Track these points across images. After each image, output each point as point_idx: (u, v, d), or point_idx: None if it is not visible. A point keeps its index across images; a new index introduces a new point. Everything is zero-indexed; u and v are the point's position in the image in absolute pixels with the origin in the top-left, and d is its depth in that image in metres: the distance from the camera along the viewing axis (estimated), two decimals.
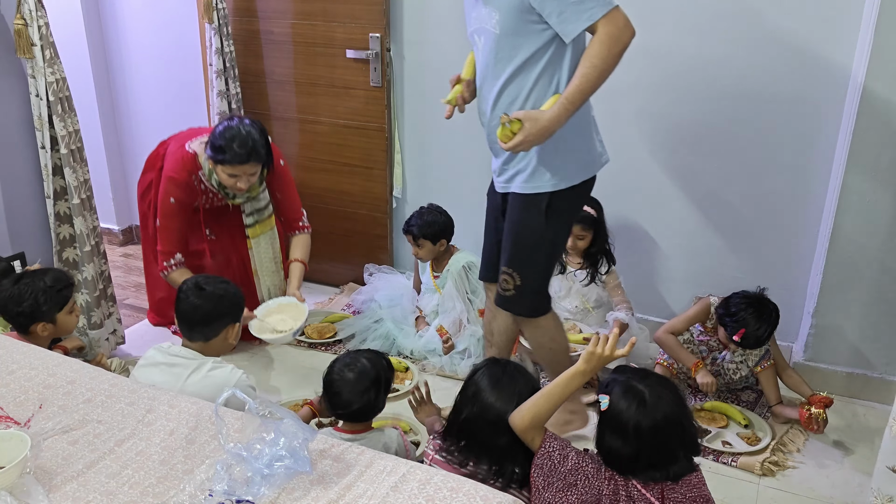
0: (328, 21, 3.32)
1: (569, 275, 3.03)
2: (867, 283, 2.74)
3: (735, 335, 2.59)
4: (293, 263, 2.96)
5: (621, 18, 1.99)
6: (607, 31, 1.98)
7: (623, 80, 2.93)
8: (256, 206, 2.90)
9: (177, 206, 2.77)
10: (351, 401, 2.05)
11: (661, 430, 1.69)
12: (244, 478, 1.52)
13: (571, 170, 2.21)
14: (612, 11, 1.98)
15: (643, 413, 1.69)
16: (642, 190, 3.06)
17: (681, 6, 2.78)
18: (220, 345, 2.29)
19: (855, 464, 2.53)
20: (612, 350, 1.76)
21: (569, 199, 2.25)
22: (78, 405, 1.81)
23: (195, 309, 2.23)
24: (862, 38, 2.54)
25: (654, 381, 1.75)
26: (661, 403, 1.70)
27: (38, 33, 2.60)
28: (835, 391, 2.84)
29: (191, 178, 2.77)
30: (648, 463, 1.70)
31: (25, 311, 2.32)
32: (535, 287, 2.34)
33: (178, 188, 2.76)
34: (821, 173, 2.79)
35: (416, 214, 3.17)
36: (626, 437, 1.69)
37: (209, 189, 2.82)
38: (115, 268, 3.89)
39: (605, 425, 1.75)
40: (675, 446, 1.71)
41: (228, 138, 2.62)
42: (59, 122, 2.72)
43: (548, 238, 2.28)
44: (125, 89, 4.00)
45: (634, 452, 1.69)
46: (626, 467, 1.72)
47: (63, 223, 2.86)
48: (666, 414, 1.70)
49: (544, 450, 1.77)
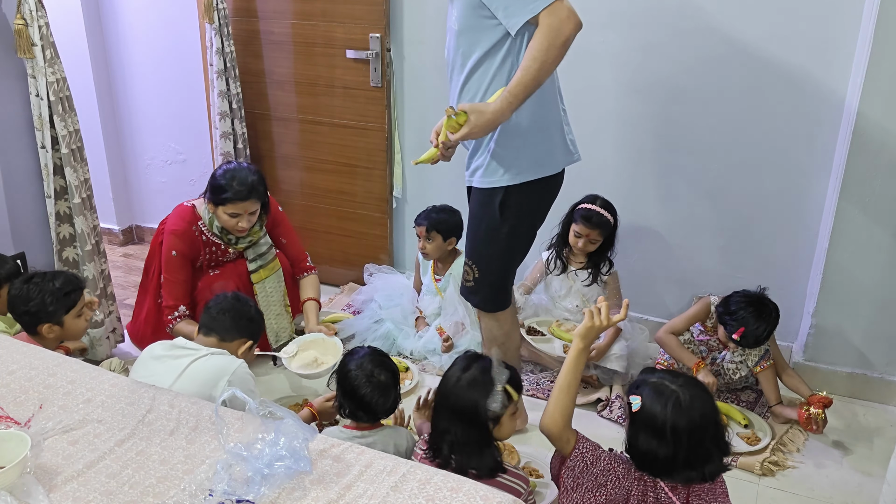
0: (328, 21, 3.32)
1: (570, 274, 3.03)
2: (867, 283, 2.74)
3: (734, 334, 2.59)
4: (308, 303, 3.02)
5: (564, 10, 1.96)
6: (548, 22, 1.96)
7: (623, 80, 2.95)
8: (259, 252, 2.96)
9: (179, 259, 2.82)
10: (371, 396, 2.05)
11: (698, 430, 1.67)
12: (244, 478, 1.52)
13: (525, 166, 2.21)
14: (555, 3, 1.96)
15: (679, 413, 1.67)
16: (642, 190, 3.06)
17: (679, 14, 2.78)
18: (231, 351, 2.31)
19: (854, 464, 2.53)
20: (608, 317, 1.77)
21: (525, 195, 2.26)
22: (78, 405, 1.81)
23: (230, 305, 2.33)
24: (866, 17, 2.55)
25: (685, 382, 1.73)
26: (695, 403, 1.69)
27: (38, 33, 2.61)
28: (834, 391, 2.85)
29: (191, 228, 2.83)
30: (686, 464, 1.68)
31: (31, 310, 2.34)
32: (492, 280, 2.37)
33: (180, 240, 2.81)
34: (821, 173, 2.79)
35: (430, 209, 3.16)
36: (663, 439, 1.67)
37: (210, 241, 2.87)
38: (116, 267, 3.89)
39: (638, 427, 1.72)
40: (711, 446, 1.70)
41: (229, 178, 2.72)
42: (60, 122, 2.72)
43: (503, 233, 2.29)
44: (125, 89, 4.00)
45: (672, 453, 1.67)
46: (662, 469, 1.71)
47: (63, 223, 2.87)
48: (703, 413, 1.68)
49: (578, 451, 1.76)
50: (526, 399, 2.81)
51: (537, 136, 2.21)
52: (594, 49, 2.92)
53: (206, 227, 2.84)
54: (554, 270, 3.04)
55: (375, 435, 2.07)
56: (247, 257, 2.94)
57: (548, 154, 2.25)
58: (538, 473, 2.37)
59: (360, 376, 2.06)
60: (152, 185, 4.16)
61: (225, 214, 2.76)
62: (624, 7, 2.85)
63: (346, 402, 2.09)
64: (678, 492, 1.71)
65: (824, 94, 2.69)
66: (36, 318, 2.35)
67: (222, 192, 2.72)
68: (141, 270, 3.08)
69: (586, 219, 2.86)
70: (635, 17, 2.85)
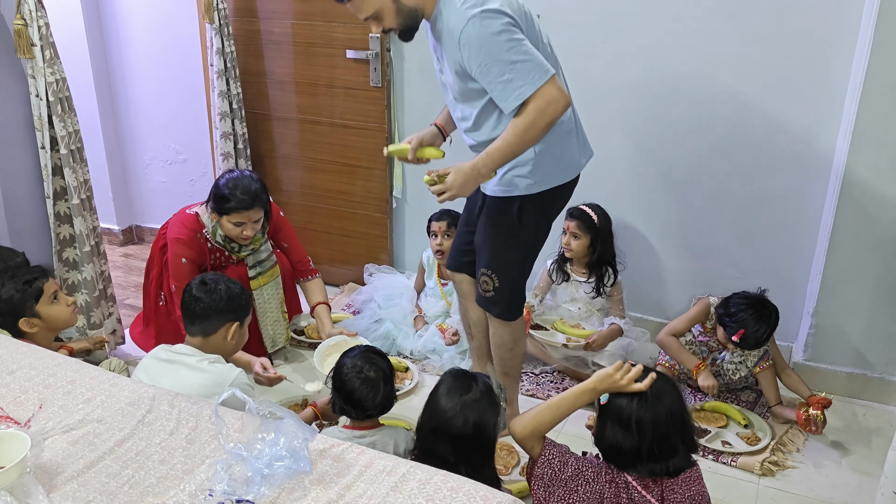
0: (328, 21, 3.32)
1: (573, 282, 3.03)
2: (867, 284, 2.74)
3: (734, 336, 2.59)
4: (319, 307, 3.01)
5: (551, 93, 1.98)
6: (536, 105, 1.99)
7: (623, 80, 2.95)
8: (258, 259, 2.96)
9: (189, 266, 2.81)
10: (367, 396, 2.05)
11: (662, 424, 1.71)
12: (244, 478, 1.52)
13: (542, 174, 2.21)
14: (543, 88, 1.98)
15: (644, 407, 1.71)
16: (642, 190, 3.06)
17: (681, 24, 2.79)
18: (219, 342, 2.29)
19: (854, 464, 2.53)
20: (630, 382, 1.75)
21: (543, 202, 2.26)
22: (78, 405, 1.81)
23: (196, 301, 2.27)
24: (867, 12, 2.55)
25: (657, 377, 1.77)
26: (662, 397, 1.73)
27: (37, 33, 2.61)
28: (834, 391, 2.85)
29: (196, 235, 2.83)
30: (649, 456, 1.72)
31: (3, 311, 2.31)
32: (512, 288, 2.36)
33: (187, 247, 2.81)
34: (821, 173, 2.78)
35: (444, 209, 3.14)
36: (628, 431, 1.71)
37: (214, 248, 2.87)
38: (116, 268, 3.89)
39: (605, 419, 1.76)
40: (676, 441, 1.73)
41: (232, 187, 2.72)
42: (59, 123, 2.72)
43: (522, 240, 2.30)
44: (125, 89, 4.00)
45: (636, 446, 1.71)
46: (626, 461, 1.74)
47: (63, 223, 2.87)
48: (668, 408, 1.72)
49: (544, 458, 1.77)
50: (526, 399, 2.82)
51: (554, 146, 2.20)
52: (596, 49, 2.92)
53: (210, 234, 2.85)
54: (556, 280, 3.05)
55: (375, 435, 2.07)
56: (247, 264, 2.94)
57: (564, 162, 2.24)
58: None
59: (350, 372, 2.06)
60: (152, 185, 4.16)
61: (229, 223, 2.76)
62: (625, 7, 2.85)
63: (336, 397, 2.10)
64: (651, 489, 1.72)
65: (825, 93, 2.69)
66: (11, 316, 2.33)
67: (226, 201, 2.72)
68: (141, 271, 3.09)
69: (569, 212, 2.90)
70: (636, 17, 2.85)
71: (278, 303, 3.04)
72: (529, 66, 1.96)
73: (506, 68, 1.96)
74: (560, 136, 2.19)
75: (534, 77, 1.96)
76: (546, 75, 1.97)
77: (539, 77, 1.96)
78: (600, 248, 2.93)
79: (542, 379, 2.96)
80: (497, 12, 1.95)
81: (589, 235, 2.92)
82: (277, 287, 3.03)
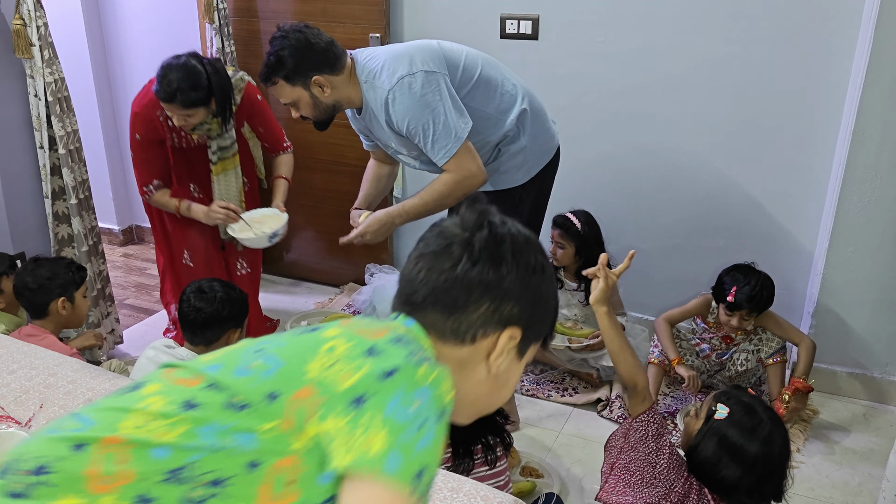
0: (328, 21, 3.32)
1: (566, 290, 3.01)
2: (867, 284, 2.74)
3: (728, 296, 2.62)
4: (277, 180, 2.94)
5: (466, 168, 2.13)
6: (454, 177, 2.14)
7: (622, 80, 2.95)
8: (222, 145, 2.81)
9: (143, 142, 2.71)
10: None
11: (768, 464, 1.63)
12: None
13: (533, 160, 2.35)
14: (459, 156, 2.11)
15: (758, 440, 1.62)
16: (641, 189, 3.06)
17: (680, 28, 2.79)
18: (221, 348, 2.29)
19: (854, 464, 2.53)
20: (608, 274, 1.79)
21: (537, 183, 2.39)
22: (78, 405, 1.81)
23: (197, 312, 2.23)
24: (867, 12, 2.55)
25: (774, 416, 1.69)
26: (775, 439, 1.65)
27: (36, 33, 2.60)
28: (835, 391, 2.85)
29: (154, 112, 2.67)
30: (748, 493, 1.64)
31: (44, 284, 2.38)
32: None
33: (141, 124, 2.69)
34: (821, 173, 2.79)
35: None
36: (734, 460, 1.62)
37: (173, 127, 2.71)
38: (115, 268, 3.89)
39: (712, 434, 1.66)
40: (770, 486, 1.65)
41: (160, 76, 2.50)
42: (58, 123, 2.72)
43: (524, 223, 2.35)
44: (125, 89, 3.99)
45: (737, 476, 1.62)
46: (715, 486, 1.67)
47: (61, 223, 2.87)
48: (780, 453, 1.64)
49: (646, 418, 1.74)
50: (525, 399, 2.82)
51: (540, 127, 2.34)
52: (595, 49, 2.92)
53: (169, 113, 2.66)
54: None
55: None
56: (210, 147, 2.79)
57: (547, 142, 2.38)
58: (538, 473, 2.36)
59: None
60: None
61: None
62: (625, 7, 2.85)
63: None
64: None
65: (824, 93, 2.69)
66: (50, 293, 2.38)
67: (156, 87, 2.49)
68: (142, 271, 3.08)
69: (553, 220, 2.89)
70: (636, 17, 2.85)
71: (237, 192, 2.90)
72: (450, 127, 2.09)
73: (430, 128, 2.09)
74: (540, 122, 2.34)
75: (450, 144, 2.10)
76: (458, 143, 2.10)
77: (453, 145, 2.10)
78: (586, 256, 2.83)
79: (543, 378, 2.96)
80: (418, 74, 2.08)
81: (574, 244, 2.87)
82: (237, 177, 2.90)
